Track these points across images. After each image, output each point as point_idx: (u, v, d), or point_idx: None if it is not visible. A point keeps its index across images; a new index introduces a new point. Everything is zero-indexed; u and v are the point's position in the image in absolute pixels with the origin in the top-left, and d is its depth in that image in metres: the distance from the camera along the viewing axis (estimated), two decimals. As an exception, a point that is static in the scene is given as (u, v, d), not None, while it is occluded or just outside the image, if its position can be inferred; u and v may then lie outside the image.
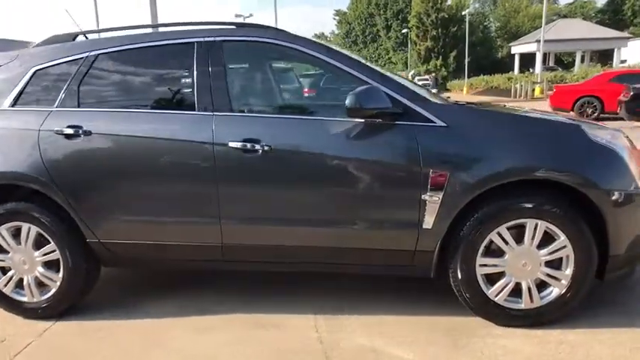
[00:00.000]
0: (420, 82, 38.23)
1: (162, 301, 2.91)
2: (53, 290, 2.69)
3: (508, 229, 2.36)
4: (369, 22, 64.64)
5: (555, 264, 2.39)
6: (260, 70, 2.74)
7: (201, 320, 2.67)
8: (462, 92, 33.80)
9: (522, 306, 2.43)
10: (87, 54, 2.65)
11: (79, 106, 2.60)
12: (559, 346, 2.28)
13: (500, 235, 2.37)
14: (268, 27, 2.64)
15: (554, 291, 2.41)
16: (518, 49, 38.06)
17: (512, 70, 36.67)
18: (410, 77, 43.39)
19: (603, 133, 2.43)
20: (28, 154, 2.56)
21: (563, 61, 41.87)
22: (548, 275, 2.39)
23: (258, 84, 2.71)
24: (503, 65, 40.85)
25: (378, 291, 2.90)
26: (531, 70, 29.80)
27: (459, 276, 2.42)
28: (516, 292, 2.43)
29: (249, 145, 2.40)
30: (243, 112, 2.54)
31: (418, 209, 2.36)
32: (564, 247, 2.34)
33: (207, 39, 2.57)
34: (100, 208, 2.57)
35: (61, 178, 2.55)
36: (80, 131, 2.53)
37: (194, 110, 2.51)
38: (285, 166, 2.43)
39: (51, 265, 2.68)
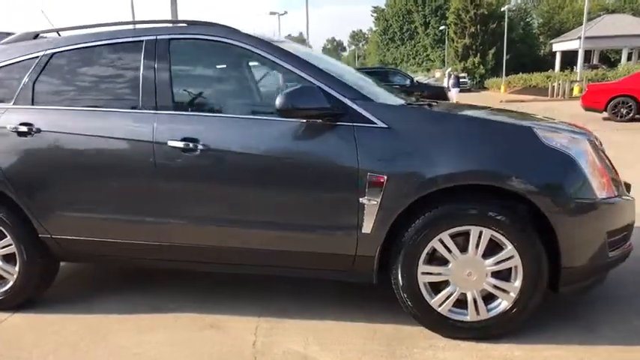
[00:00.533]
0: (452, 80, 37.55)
1: (118, 297, 2.94)
2: (10, 283, 2.76)
3: (452, 236, 2.24)
4: (407, 19, 63.74)
5: (503, 275, 2.25)
6: (208, 69, 2.70)
7: (149, 318, 2.67)
8: (500, 91, 32.82)
9: (468, 318, 2.30)
10: (42, 53, 2.69)
11: (32, 104, 2.65)
12: (501, 362, 2.15)
13: (442, 242, 2.24)
14: (218, 25, 2.60)
15: (502, 303, 2.26)
16: (559, 46, 36.52)
17: (554, 68, 35.25)
18: (446, 75, 42.59)
19: (560, 136, 2.26)
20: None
21: (610, 59, 39.85)
22: (495, 287, 2.25)
23: (205, 82, 2.68)
24: (545, 63, 39.30)
25: (326, 294, 2.82)
26: (573, 68, 28.49)
27: (401, 283, 2.31)
28: (462, 302, 2.30)
29: (187, 145, 2.38)
30: (185, 110, 2.51)
31: (357, 213, 2.27)
32: (511, 257, 2.20)
33: (155, 37, 2.57)
34: (49, 204, 2.62)
35: (13, 174, 2.61)
36: (31, 129, 2.58)
37: (138, 109, 2.51)
38: (221, 166, 2.39)
39: (9, 259, 2.75)
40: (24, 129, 2.59)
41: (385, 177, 2.22)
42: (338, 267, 2.42)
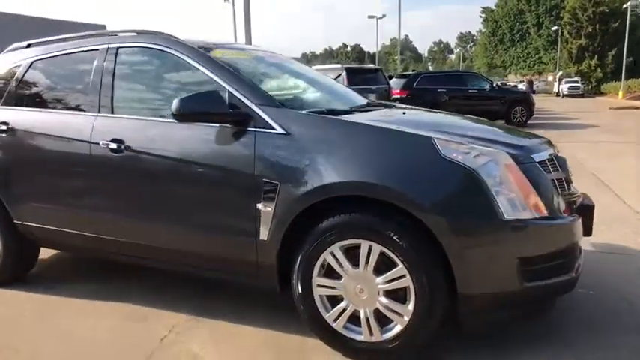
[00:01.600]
0: (568, 85, 34.11)
1: (82, 282, 3.20)
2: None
3: (346, 249, 2.13)
4: (518, 19, 59.92)
5: (399, 295, 2.08)
6: (145, 75, 2.84)
7: (93, 305, 2.88)
8: (617, 96, 29.49)
9: (362, 337, 2.16)
10: (25, 61, 3.06)
11: (15, 106, 3.02)
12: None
13: (334, 255, 2.14)
14: (160, 33, 2.75)
15: (397, 327, 2.09)
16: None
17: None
18: (557, 79, 39.11)
19: (464, 149, 2.03)
20: None
21: None
22: (387, 307, 2.09)
23: (140, 88, 2.81)
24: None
25: (259, 299, 2.82)
26: None
27: (297, 294, 2.25)
28: (358, 320, 2.17)
29: (115, 145, 2.55)
30: (120, 114, 2.68)
31: (255, 219, 2.26)
32: (403, 276, 2.03)
33: (107, 46, 2.78)
34: (18, 193, 2.96)
35: None
36: (7, 127, 2.94)
37: (86, 111, 2.74)
38: (140, 166, 2.52)
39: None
40: (4, 127, 2.96)
41: (278, 184, 2.18)
42: (245, 272, 2.43)
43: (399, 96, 12.73)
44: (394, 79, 13.70)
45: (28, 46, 3.21)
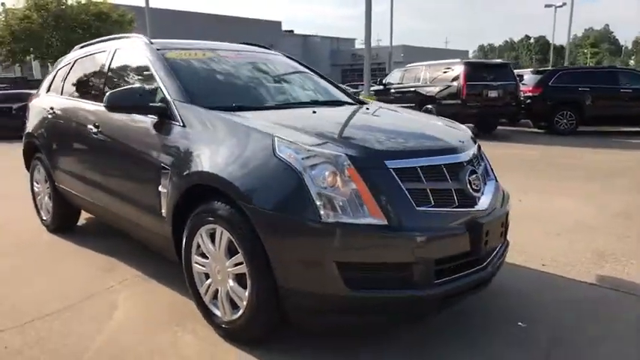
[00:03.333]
0: None
1: (99, 237, 3.97)
2: (50, 215, 4.14)
3: (209, 232, 2.35)
4: None
5: (243, 281, 2.23)
6: (122, 72, 3.33)
7: (92, 254, 3.61)
8: None
9: (219, 314, 2.38)
10: (72, 59, 3.91)
11: (61, 94, 3.90)
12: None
13: (202, 237, 2.39)
14: (138, 38, 3.27)
15: (240, 310, 2.25)
16: None
17: None
18: None
19: (297, 148, 2.05)
20: (39, 121, 4.05)
21: None
22: (234, 291, 2.26)
23: (116, 83, 3.27)
24: None
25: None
26: None
27: (184, 267, 2.55)
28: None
29: (94, 128, 3.18)
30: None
31: (159, 199, 2.63)
32: (241, 263, 2.18)
33: (108, 49, 3.44)
34: (54, 162, 3.83)
35: (42, 137, 3.95)
36: (52, 110, 3.83)
37: (89, 100, 3.44)
38: (105, 146, 3.12)
39: (49, 199, 4.12)
40: (51, 109, 3.86)
41: (169, 170, 2.51)
42: (160, 243, 2.80)
43: (530, 94, 11.58)
44: (528, 76, 12.44)
45: (83, 47, 4.07)
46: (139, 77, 3.08)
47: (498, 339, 2.38)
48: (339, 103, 3.25)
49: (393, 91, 12.97)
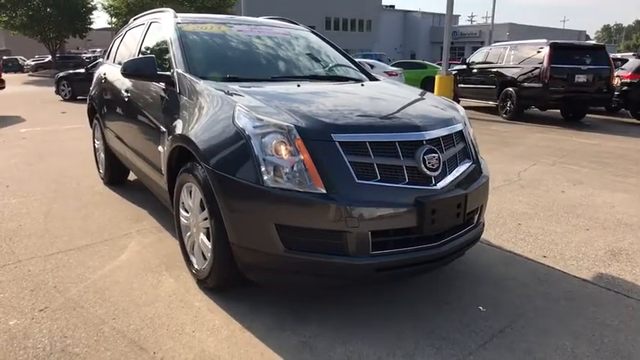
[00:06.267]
0: None
1: (139, 191, 4.47)
2: (102, 170, 4.75)
3: (189, 189, 2.61)
4: None
5: (209, 235, 2.47)
6: (150, 42, 3.68)
7: (125, 204, 4.10)
8: None
9: (194, 263, 2.67)
10: (125, 30, 4.39)
11: (113, 62, 4.39)
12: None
13: (184, 192, 2.67)
14: (165, 12, 3.61)
15: (207, 262, 2.51)
16: None
17: None
18: None
19: (252, 117, 2.21)
20: (95, 86, 4.65)
21: None
22: (203, 243, 2.52)
23: (144, 52, 3.64)
24: None
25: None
26: None
27: (175, 220, 2.87)
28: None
29: (124, 93, 3.60)
30: None
31: (160, 158, 2.96)
32: (206, 218, 2.43)
33: (148, 21, 3.83)
34: (104, 120, 4.37)
35: (97, 100, 4.53)
36: (104, 75, 4.35)
37: None
38: (132, 107, 3.52)
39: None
40: (103, 76, 4.38)
41: (165, 131, 2.82)
42: (165, 198, 3.14)
43: (628, 80, 10.44)
44: (632, 60, 11.14)
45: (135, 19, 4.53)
46: (162, 47, 3.41)
47: (454, 316, 2.40)
48: (337, 79, 3.33)
49: (474, 71, 12.38)
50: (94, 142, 5.04)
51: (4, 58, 44.76)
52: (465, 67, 12.92)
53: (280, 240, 2.13)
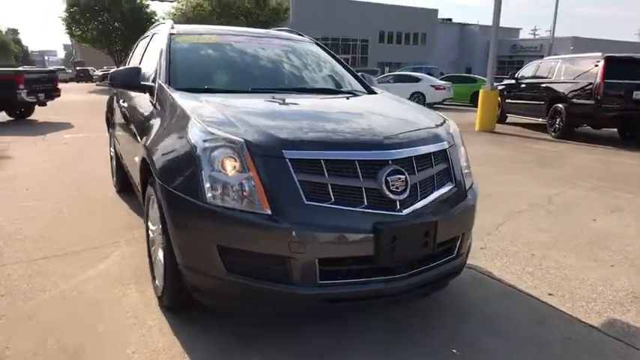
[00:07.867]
0: None
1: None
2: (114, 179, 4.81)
3: (153, 202, 2.51)
4: None
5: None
6: (147, 53, 3.71)
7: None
8: None
9: (156, 279, 2.57)
10: (138, 41, 4.45)
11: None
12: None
13: (150, 205, 2.59)
14: (163, 24, 3.60)
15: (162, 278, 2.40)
16: None
17: None
18: None
19: (202, 133, 2.07)
20: (109, 97, 4.73)
21: None
22: (160, 259, 2.41)
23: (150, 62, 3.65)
24: None
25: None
26: None
27: (144, 230, 2.79)
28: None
29: (121, 103, 3.62)
30: None
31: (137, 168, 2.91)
32: (161, 233, 2.32)
33: (152, 33, 3.85)
34: (112, 129, 4.44)
35: (109, 110, 4.61)
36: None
37: None
38: (127, 117, 3.52)
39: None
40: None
41: (140, 141, 2.77)
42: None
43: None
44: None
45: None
46: (156, 58, 3.40)
47: (422, 357, 2.15)
48: (325, 92, 3.16)
49: (523, 86, 11.76)
50: (110, 152, 5.15)
51: (77, 68, 48.11)
52: (513, 81, 12.31)
53: (222, 262, 1.98)
